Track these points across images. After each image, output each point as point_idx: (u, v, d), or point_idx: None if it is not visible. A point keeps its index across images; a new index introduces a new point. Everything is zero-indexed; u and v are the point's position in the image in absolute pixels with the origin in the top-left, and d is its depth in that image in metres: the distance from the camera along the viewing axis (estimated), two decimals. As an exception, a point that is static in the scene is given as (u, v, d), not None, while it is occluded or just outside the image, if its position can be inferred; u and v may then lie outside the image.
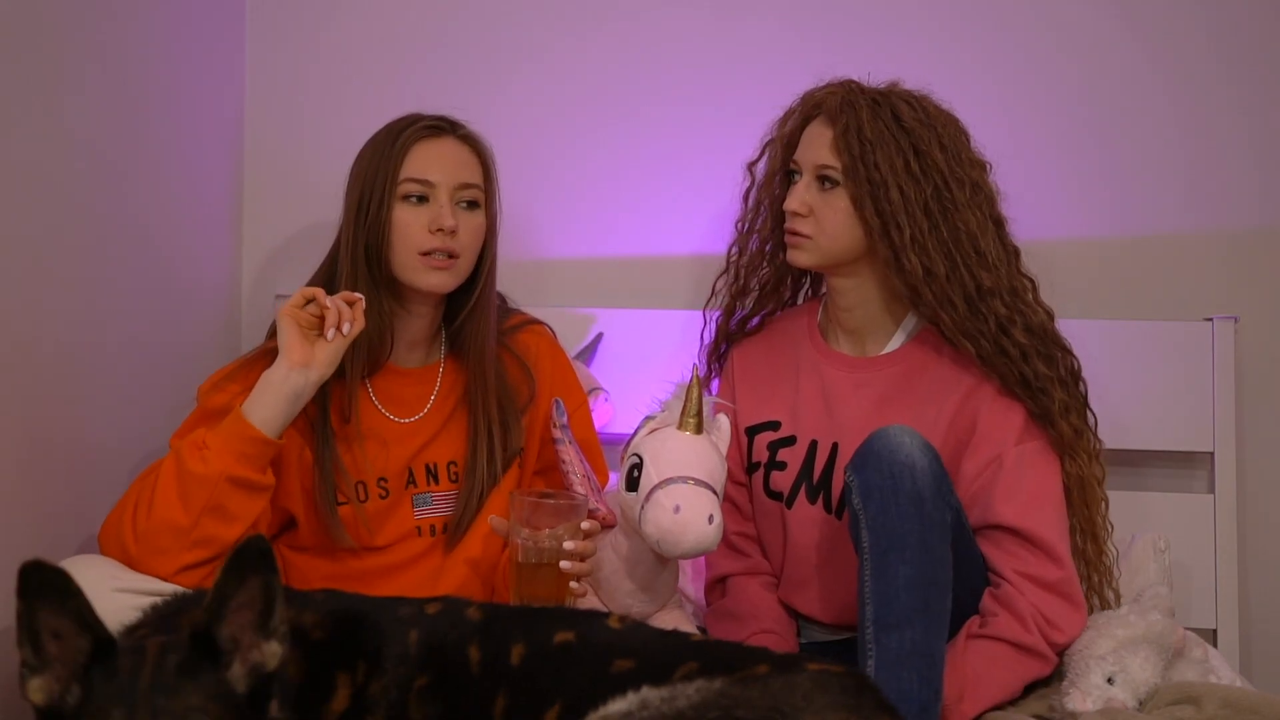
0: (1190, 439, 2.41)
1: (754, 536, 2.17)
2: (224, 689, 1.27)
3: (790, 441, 2.11)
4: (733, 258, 2.20)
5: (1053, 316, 2.04)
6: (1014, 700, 1.91)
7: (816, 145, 2.02)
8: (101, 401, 2.04)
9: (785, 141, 2.10)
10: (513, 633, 1.51)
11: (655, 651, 1.48)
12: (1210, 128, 2.49)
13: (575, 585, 1.87)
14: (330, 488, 1.95)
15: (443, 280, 1.97)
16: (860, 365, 2.10)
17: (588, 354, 2.47)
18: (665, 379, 2.02)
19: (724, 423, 1.98)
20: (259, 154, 2.58)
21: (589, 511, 1.90)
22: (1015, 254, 2.05)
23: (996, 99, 2.45)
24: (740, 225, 2.19)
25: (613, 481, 2.09)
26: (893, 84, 2.06)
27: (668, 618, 1.96)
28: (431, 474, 2.03)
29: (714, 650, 1.51)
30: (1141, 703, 1.86)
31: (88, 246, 2.01)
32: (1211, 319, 2.41)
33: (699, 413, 1.91)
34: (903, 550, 1.77)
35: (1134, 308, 2.48)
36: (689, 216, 2.52)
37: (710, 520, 1.83)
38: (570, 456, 1.96)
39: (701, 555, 1.96)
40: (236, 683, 1.28)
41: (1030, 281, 2.05)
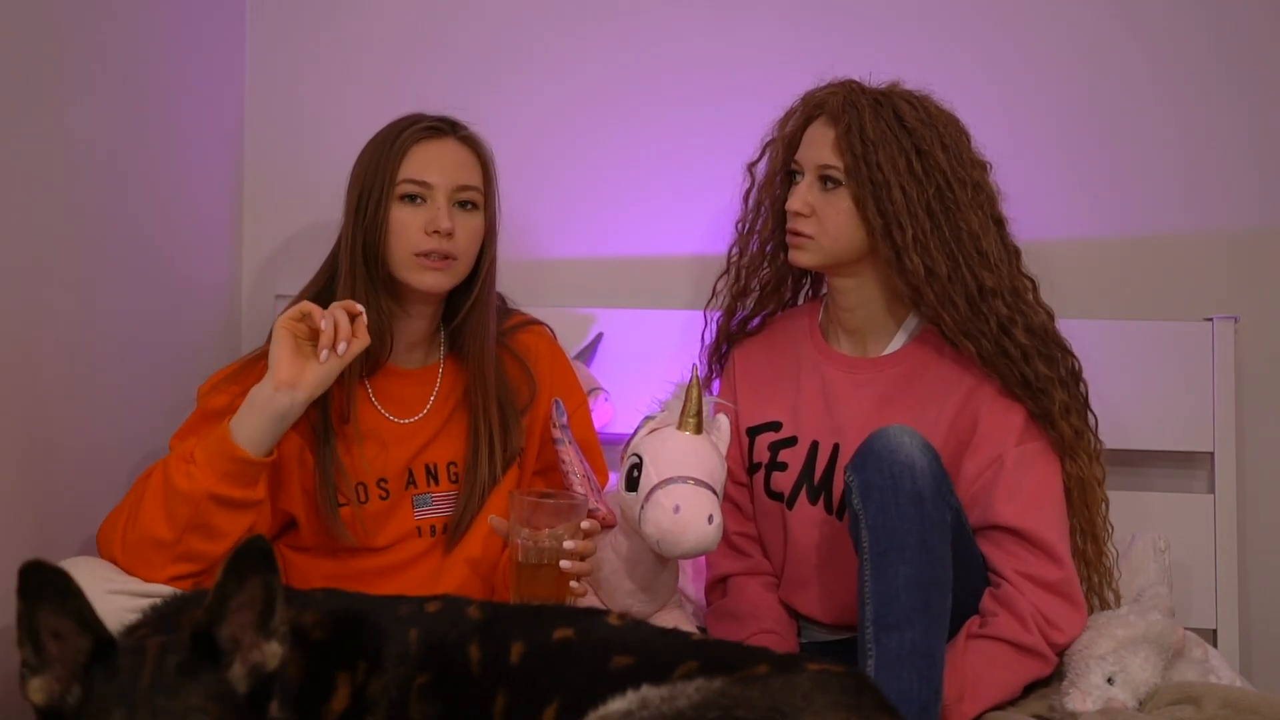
0: (1190, 439, 2.41)
1: (755, 537, 2.17)
2: (224, 689, 1.27)
3: (791, 442, 2.11)
4: (733, 258, 2.20)
5: (1053, 317, 2.04)
6: (1014, 700, 1.91)
7: (818, 145, 2.02)
8: (101, 402, 2.04)
9: (786, 142, 2.10)
10: (513, 631, 1.51)
11: (655, 649, 1.48)
12: (1210, 128, 2.49)
13: (575, 585, 1.86)
14: (331, 489, 1.94)
15: (439, 280, 1.97)
16: (861, 366, 2.10)
17: (588, 354, 2.47)
18: (665, 379, 2.02)
19: (724, 423, 1.98)
20: (259, 154, 2.57)
21: (589, 511, 1.90)
22: (1016, 254, 2.05)
23: (996, 99, 2.45)
24: (741, 226, 2.19)
25: (613, 481, 2.09)
26: (893, 84, 2.07)
27: (668, 617, 1.96)
28: (431, 474, 2.02)
29: (714, 649, 1.51)
30: (1141, 703, 1.85)
31: (87, 246, 2.00)
32: (1211, 319, 2.41)
33: (699, 413, 1.91)
34: (903, 550, 1.77)
35: (1134, 308, 2.48)
36: (689, 216, 2.52)
37: (710, 520, 1.83)
38: (570, 456, 1.96)
39: (701, 555, 1.96)
40: (237, 683, 1.28)
41: (1031, 282, 2.05)
